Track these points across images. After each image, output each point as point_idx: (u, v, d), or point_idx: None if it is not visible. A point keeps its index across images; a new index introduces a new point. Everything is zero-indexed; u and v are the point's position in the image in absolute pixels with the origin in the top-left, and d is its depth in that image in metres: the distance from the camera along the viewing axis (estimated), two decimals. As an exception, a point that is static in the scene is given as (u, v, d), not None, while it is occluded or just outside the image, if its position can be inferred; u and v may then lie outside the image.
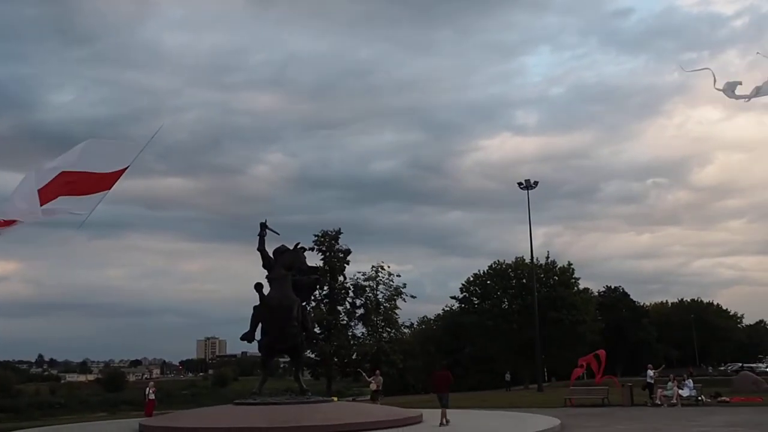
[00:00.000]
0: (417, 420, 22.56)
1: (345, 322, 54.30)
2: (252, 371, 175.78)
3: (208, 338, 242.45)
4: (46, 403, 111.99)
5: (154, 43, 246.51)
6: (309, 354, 54.06)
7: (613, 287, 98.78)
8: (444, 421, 21.52)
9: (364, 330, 54.74)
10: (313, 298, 54.15)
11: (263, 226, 26.24)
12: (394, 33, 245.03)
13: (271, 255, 25.53)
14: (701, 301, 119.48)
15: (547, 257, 67.62)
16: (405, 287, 55.56)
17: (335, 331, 52.83)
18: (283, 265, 24.94)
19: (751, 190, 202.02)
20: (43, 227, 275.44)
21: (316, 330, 53.33)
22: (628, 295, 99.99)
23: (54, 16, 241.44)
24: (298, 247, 25.60)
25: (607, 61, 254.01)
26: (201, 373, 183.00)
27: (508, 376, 62.67)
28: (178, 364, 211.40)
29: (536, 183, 60.53)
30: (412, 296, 56.30)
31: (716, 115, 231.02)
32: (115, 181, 17.35)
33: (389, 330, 55.94)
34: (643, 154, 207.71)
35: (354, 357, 53.59)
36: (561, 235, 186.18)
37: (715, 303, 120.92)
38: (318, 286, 44.48)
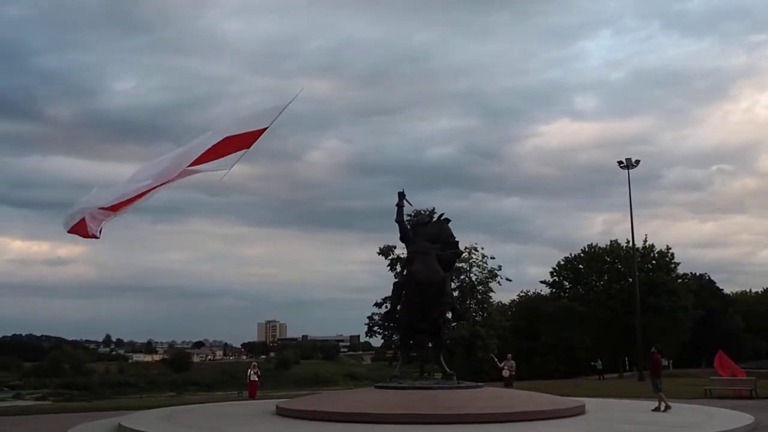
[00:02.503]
0: (581, 410, 20.33)
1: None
2: (312, 355, 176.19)
3: (269, 321, 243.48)
4: (116, 382, 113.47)
5: (212, 31, 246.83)
6: (395, 338, 52.35)
7: (698, 274, 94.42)
8: (662, 405, 20.61)
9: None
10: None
11: (401, 196, 24.18)
12: (449, 17, 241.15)
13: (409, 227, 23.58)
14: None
15: (645, 240, 64.15)
16: (501, 269, 53.06)
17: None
18: (426, 237, 22.87)
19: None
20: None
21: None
22: (714, 283, 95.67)
23: (115, 6, 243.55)
24: (442, 218, 23.42)
25: (670, 44, 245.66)
26: (263, 356, 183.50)
27: (600, 364, 59.60)
28: (240, 346, 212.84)
29: (638, 162, 57.40)
30: (508, 279, 53.86)
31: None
32: (254, 141, 16.09)
33: (482, 313, 53.62)
34: (708, 139, 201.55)
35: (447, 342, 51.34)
36: (621, 222, 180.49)
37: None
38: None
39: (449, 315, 24.22)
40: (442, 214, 23.41)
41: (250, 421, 19.46)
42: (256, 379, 36.38)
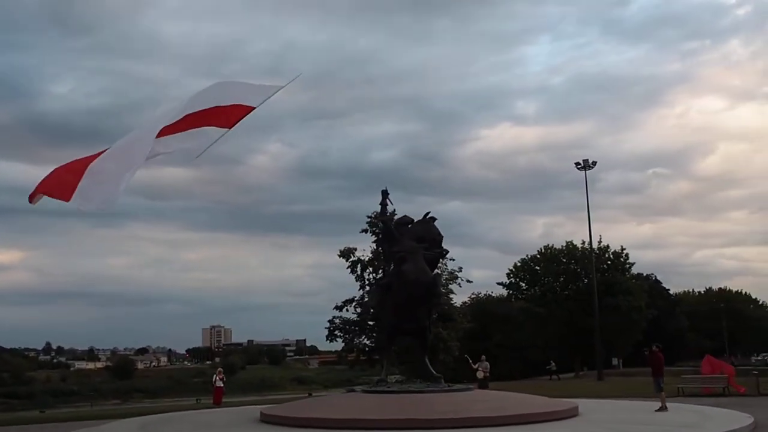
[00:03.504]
0: (575, 411, 19.99)
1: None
2: (258, 360, 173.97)
3: (213, 326, 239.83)
4: (59, 390, 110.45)
5: (152, 33, 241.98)
6: (363, 341, 51.58)
7: (645, 275, 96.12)
8: (664, 406, 20.49)
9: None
10: (367, 282, 51.77)
11: (385, 194, 23.63)
12: (392, 22, 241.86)
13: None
14: (730, 290, 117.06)
15: (599, 241, 64.70)
16: (461, 271, 52.49)
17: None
18: (412, 237, 22.28)
19: (753, 181, 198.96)
20: (46, 216, 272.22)
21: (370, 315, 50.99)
22: (661, 283, 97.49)
23: (53, 6, 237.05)
24: (428, 217, 22.82)
25: (608, 51, 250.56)
26: (208, 362, 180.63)
27: (553, 365, 59.62)
28: (184, 352, 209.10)
29: (594, 163, 58.00)
30: (469, 281, 53.28)
31: (719, 104, 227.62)
32: (238, 121, 15.25)
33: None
34: (645, 144, 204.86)
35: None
36: (563, 225, 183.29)
37: (744, 292, 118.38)
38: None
39: (435, 316, 23.67)
40: (428, 213, 22.83)
41: (240, 431, 18.55)
42: (222, 385, 35.22)
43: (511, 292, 68.78)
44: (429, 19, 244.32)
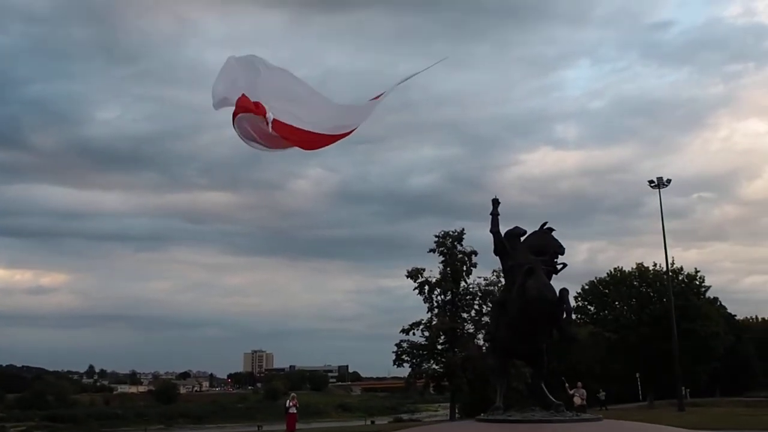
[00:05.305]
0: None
1: (472, 330, 49.13)
2: (300, 386, 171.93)
3: (255, 351, 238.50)
4: (103, 414, 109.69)
5: (196, 61, 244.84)
6: (433, 366, 49.37)
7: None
8: None
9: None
10: (435, 303, 49.64)
11: (495, 203, 21.44)
12: (430, 48, 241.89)
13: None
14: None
15: (672, 263, 61.54)
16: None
17: (461, 341, 47.74)
18: (528, 249, 20.01)
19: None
20: (90, 240, 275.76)
21: (441, 338, 48.76)
22: (725, 308, 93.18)
23: (100, 36, 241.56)
24: (545, 227, 20.52)
25: (648, 74, 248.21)
26: (250, 387, 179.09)
27: (603, 395, 55.37)
28: (226, 377, 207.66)
29: (669, 181, 55.09)
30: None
31: (763, 127, 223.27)
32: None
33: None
34: (688, 167, 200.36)
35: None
36: (605, 251, 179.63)
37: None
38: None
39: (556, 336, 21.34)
40: (545, 223, 20.51)
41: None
42: (295, 411, 33.25)
43: (578, 315, 65.81)
44: (468, 45, 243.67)
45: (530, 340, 19.53)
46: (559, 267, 20.52)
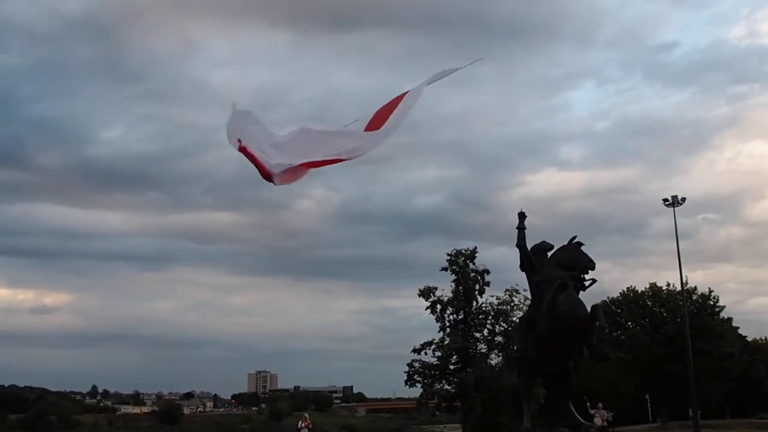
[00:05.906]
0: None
1: (484, 350, 48.37)
2: (305, 407, 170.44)
3: (259, 372, 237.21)
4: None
5: (200, 81, 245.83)
6: (445, 386, 48.59)
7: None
8: None
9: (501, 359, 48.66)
10: (448, 323, 48.95)
11: (522, 218, 21.00)
12: (435, 69, 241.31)
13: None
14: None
15: (686, 283, 60.78)
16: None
17: (474, 361, 46.96)
18: (557, 264, 19.48)
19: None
20: (93, 259, 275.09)
21: (453, 358, 48.03)
22: (738, 329, 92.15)
23: (104, 56, 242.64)
24: (574, 241, 19.99)
25: (653, 95, 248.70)
26: (254, 408, 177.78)
27: (610, 415, 54.37)
28: (230, 398, 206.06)
29: (683, 199, 54.39)
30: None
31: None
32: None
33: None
34: (693, 188, 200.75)
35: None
36: (609, 272, 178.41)
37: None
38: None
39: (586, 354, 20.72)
40: (574, 237, 20.01)
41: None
42: (308, 432, 32.47)
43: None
44: (472, 65, 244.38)
45: (559, 358, 19.03)
46: (587, 283, 20.10)
